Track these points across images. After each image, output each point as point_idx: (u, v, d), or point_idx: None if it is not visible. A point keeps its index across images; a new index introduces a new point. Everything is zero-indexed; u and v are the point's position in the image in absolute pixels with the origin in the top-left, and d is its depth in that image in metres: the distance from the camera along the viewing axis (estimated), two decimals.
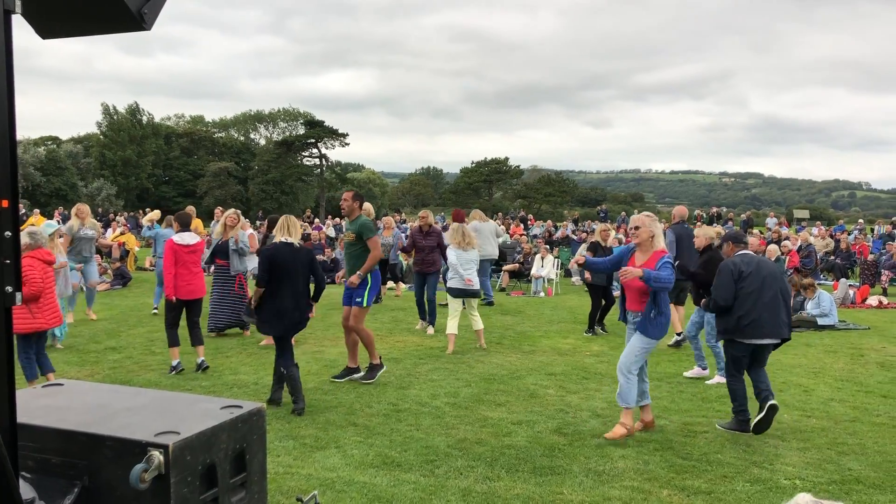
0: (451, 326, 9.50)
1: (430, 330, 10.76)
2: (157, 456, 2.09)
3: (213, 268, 10.71)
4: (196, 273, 8.15)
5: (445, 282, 9.93)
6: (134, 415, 2.38)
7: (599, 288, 11.11)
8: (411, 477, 4.98)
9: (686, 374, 8.26)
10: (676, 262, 8.15)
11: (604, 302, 11.17)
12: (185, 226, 8.47)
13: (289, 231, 6.80)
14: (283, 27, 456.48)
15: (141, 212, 34.64)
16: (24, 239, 7.26)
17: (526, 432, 6.03)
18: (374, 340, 7.86)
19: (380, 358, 7.87)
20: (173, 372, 7.91)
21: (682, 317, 9.93)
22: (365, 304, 7.62)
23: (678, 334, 9.74)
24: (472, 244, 9.56)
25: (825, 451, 5.72)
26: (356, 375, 7.74)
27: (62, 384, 2.76)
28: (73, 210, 11.19)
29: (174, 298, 7.90)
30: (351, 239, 7.72)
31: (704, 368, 8.21)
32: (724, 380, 7.78)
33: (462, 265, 9.42)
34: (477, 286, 9.57)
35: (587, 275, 11.49)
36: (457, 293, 9.48)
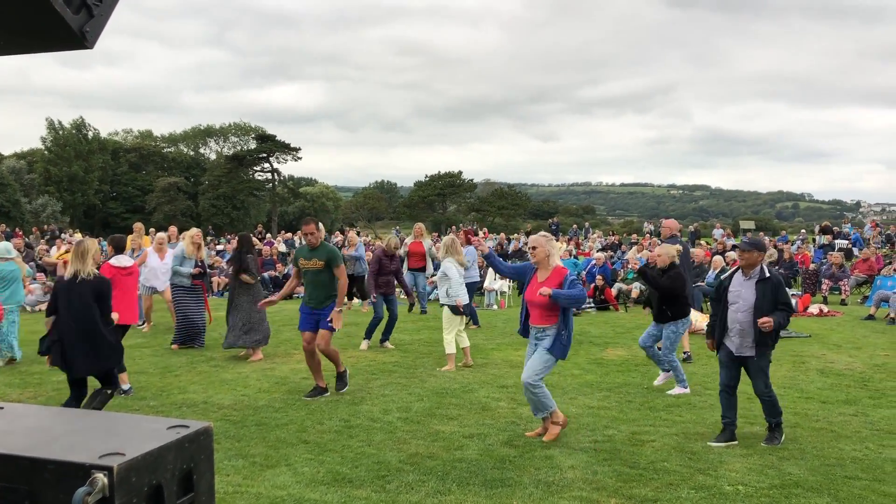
0: (453, 344, 9.35)
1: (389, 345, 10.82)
2: (101, 478, 2.07)
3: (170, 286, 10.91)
4: (133, 298, 8.07)
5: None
6: (77, 437, 2.36)
7: None
8: (362, 493, 4.99)
9: (656, 382, 8.30)
10: (641, 268, 8.26)
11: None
12: (119, 249, 8.42)
13: (79, 259, 6.45)
14: (225, 39, 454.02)
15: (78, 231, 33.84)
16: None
17: (477, 445, 6.09)
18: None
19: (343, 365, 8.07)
20: None
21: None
22: (337, 328, 7.73)
23: (685, 352, 9.74)
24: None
25: (767, 456, 5.89)
26: (326, 395, 7.79)
27: (2, 407, 2.72)
28: None
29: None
30: (319, 267, 7.61)
31: (667, 371, 8.19)
32: (684, 391, 7.95)
33: (461, 282, 9.54)
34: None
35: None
36: (465, 310, 9.61)
